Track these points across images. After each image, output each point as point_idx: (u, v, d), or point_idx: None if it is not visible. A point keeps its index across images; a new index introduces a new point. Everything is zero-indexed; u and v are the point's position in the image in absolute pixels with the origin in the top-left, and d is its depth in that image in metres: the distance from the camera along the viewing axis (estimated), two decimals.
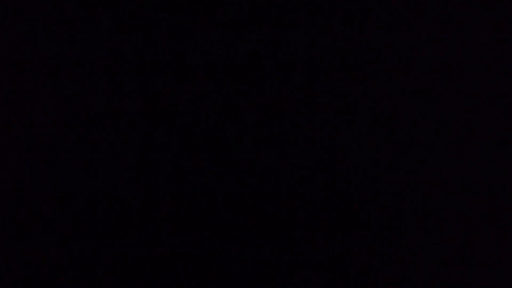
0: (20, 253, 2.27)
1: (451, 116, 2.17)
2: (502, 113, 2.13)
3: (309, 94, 2.22)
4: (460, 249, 2.12)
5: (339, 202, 2.23)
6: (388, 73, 2.18)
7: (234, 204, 2.32)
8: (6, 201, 2.36)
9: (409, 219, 2.17)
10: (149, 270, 2.23)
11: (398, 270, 2.12)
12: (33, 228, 2.32)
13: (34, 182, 2.35)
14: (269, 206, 2.29)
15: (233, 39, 2.23)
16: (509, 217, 2.11)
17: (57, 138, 2.32)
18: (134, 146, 2.32)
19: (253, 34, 2.23)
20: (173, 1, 2.26)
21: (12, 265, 2.25)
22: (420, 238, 2.16)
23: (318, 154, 2.24)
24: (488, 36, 2.13)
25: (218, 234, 2.26)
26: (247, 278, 2.18)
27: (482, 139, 2.15)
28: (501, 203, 2.12)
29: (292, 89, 2.23)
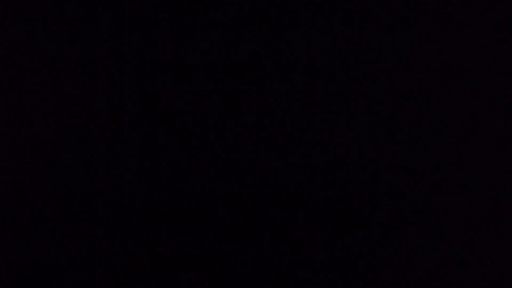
0: (20, 253, 2.27)
1: (451, 116, 2.17)
2: (502, 113, 2.13)
3: (309, 94, 2.22)
4: (460, 249, 2.12)
5: (339, 202, 2.23)
6: (388, 73, 2.18)
7: (234, 204, 2.32)
8: (6, 201, 2.36)
9: (409, 219, 2.17)
10: (149, 270, 2.23)
11: (398, 270, 2.12)
12: (33, 228, 2.32)
13: (34, 182, 2.35)
14: (269, 206, 2.29)
15: (233, 39, 2.23)
16: (509, 217, 2.11)
17: (57, 138, 2.32)
18: (134, 146, 2.32)
19: (253, 34, 2.23)
20: (173, 1, 2.26)
21: (12, 265, 2.25)
22: (420, 238, 2.16)
23: (318, 154, 2.24)
24: (488, 36, 2.13)
25: (218, 234, 2.26)
26: (247, 278, 2.18)
27: (482, 139, 2.15)
28: (501, 203, 2.12)
29: (292, 89, 2.23)
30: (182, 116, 2.31)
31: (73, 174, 2.36)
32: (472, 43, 2.14)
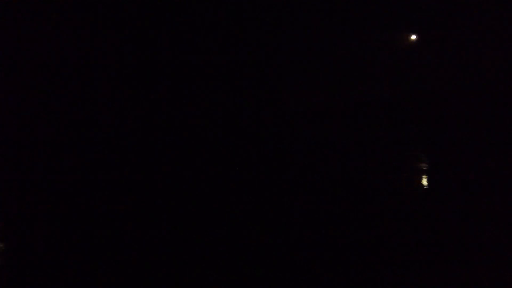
0: (20, 253, 2.27)
1: (452, 116, 2.17)
2: (502, 113, 2.13)
3: (309, 94, 2.21)
4: (460, 250, 2.12)
5: (339, 202, 2.23)
6: (388, 73, 2.18)
7: (234, 204, 2.31)
8: (6, 201, 2.35)
9: (410, 219, 2.17)
10: (149, 270, 2.23)
11: (398, 270, 2.12)
12: (33, 228, 2.32)
13: (34, 182, 2.34)
14: (268, 206, 2.29)
15: (233, 39, 2.23)
16: (509, 217, 2.11)
17: (57, 138, 2.32)
18: (134, 147, 2.31)
19: (253, 34, 2.22)
20: (173, 1, 2.26)
21: (12, 265, 2.25)
22: (421, 238, 2.16)
23: (317, 154, 2.24)
24: (489, 36, 2.13)
25: (218, 234, 2.26)
26: (247, 278, 2.18)
27: (482, 140, 2.15)
28: (501, 203, 2.12)
29: (291, 89, 2.22)
30: (181, 116, 2.31)
31: (72, 174, 2.36)
32: (472, 43, 2.14)
